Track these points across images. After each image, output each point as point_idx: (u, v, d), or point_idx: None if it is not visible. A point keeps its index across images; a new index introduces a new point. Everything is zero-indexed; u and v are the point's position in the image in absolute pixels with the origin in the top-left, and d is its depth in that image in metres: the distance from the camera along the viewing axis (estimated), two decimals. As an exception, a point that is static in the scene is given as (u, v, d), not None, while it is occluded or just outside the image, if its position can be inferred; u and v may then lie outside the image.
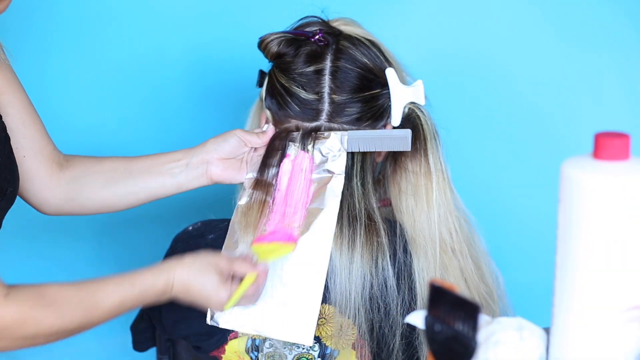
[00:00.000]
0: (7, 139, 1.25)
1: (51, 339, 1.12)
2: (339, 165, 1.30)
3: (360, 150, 1.31)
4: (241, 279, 1.22)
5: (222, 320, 1.28)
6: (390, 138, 1.31)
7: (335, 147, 1.30)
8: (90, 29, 1.72)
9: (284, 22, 1.37)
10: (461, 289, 1.31)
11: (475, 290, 1.32)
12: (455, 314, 0.88)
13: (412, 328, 1.29)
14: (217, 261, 1.21)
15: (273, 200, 1.30)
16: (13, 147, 1.28)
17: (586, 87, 1.82)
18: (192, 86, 1.78)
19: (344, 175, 1.30)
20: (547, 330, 0.93)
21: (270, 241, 1.26)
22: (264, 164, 1.32)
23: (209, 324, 1.28)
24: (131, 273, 1.17)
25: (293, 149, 1.31)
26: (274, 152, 1.32)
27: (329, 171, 1.31)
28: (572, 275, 0.89)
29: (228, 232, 1.31)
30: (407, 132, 1.31)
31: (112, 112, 1.76)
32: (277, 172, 1.31)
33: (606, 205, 0.86)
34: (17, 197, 1.32)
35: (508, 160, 1.85)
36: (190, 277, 1.19)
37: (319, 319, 1.29)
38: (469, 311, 0.87)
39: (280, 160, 1.31)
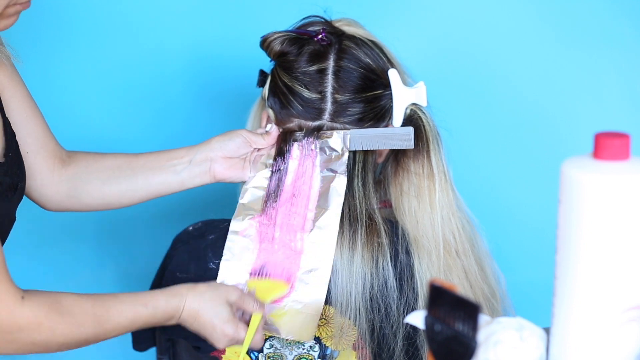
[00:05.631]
0: (13, 134, 1.25)
1: (62, 348, 1.13)
2: (342, 164, 1.30)
3: (364, 149, 1.31)
4: (249, 317, 1.23)
5: None
6: (393, 136, 1.31)
7: (338, 146, 1.30)
8: (93, 27, 1.72)
9: (285, 21, 1.37)
10: (464, 290, 1.30)
11: (479, 290, 1.32)
12: (455, 314, 0.88)
13: (415, 329, 1.29)
14: (228, 294, 1.21)
15: (278, 201, 1.30)
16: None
17: (586, 87, 1.82)
18: (194, 84, 1.78)
19: (347, 174, 1.30)
20: (547, 330, 0.93)
21: (264, 277, 1.28)
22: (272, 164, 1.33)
23: None
24: (146, 293, 1.19)
25: (296, 149, 1.31)
26: (279, 152, 1.32)
27: (332, 170, 1.31)
28: (572, 275, 0.89)
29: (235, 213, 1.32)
30: (410, 130, 1.31)
31: (114, 110, 1.76)
32: (283, 171, 1.31)
33: (606, 205, 0.87)
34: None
35: (508, 160, 1.85)
36: (200, 307, 1.19)
37: (319, 319, 1.29)
38: (469, 311, 0.87)
39: (285, 160, 1.32)
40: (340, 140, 1.30)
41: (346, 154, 1.30)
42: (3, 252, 1.10)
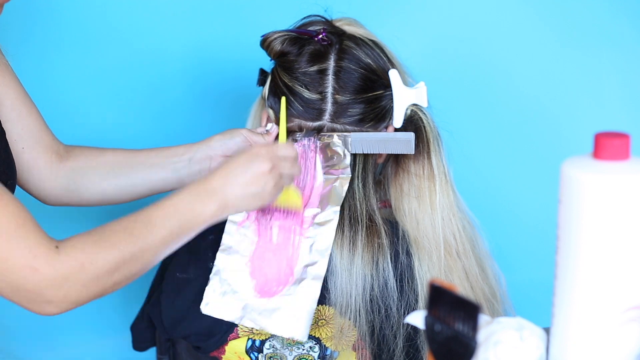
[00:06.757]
0: (3, 132, 1.25)
1: (116, 278, 1.09)
2: (343, 167, 1.30)
3: (364, 152, 1.31)
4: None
5: (217, 311, 1.27)
6: (394, 141, 1.31)
7: (340, 149, 1.30)
8: (93, 26, 1.72)
9: (285, 21, 1.37)
10: (465, 291, 1.30)
11: (480, 291, 1.32)
12: (455, 314, 0.88)
13: (416, 330, 1.29)
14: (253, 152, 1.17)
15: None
16: (11, 139, 1.28)
17: (587, 88, 1.82)
18: (193, 84, 1.78)
19: (348, 176, 1.30)
20: (547, 330, 0.93)
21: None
22: None
23: (203, 312, 1.27)
24: (173, 196, 1.13)
25: (297, 149, 1.31)
26: None
27: (333, 173, 1.31)
28: (572, 275, 0.89)
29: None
30: (411, 136, 1.31)
31: (113, 109, 1.76)
32: None
33: (606, 205, 0.87)
34: (18, 188, 1.33)
35: (508, 161, 1.85)
36: (241, 190, 1.15)
37: (319, 320, 1.29)
38: (469, 311, 0.87)
39: None
40: (342, 142, 1.30)
41: (348, 157, 1.30)
42: (27, 210, 1.07)
